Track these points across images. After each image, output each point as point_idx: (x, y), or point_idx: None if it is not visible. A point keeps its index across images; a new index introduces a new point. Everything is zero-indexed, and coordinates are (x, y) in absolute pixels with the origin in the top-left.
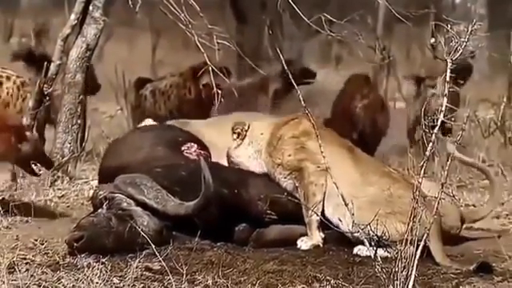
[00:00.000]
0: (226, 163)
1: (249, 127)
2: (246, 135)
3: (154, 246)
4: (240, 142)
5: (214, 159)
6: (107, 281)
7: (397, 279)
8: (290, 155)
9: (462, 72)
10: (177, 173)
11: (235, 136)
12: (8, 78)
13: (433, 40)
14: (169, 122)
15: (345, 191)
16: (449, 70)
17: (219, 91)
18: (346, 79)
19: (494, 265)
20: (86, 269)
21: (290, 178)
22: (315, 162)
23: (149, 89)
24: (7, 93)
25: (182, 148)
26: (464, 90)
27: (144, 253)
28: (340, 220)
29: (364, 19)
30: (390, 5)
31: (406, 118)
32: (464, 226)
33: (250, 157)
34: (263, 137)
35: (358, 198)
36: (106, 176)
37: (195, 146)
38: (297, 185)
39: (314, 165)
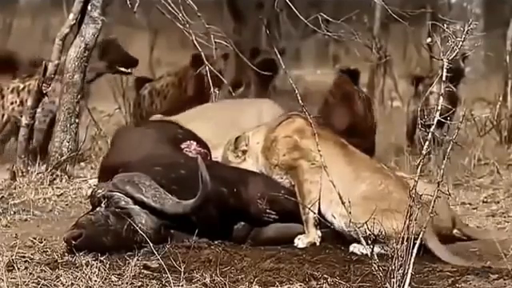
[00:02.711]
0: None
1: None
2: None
3: (152, 244)
4: (244, 158)
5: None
6: (105, 279)
7: (393, 277)
8: (284, 155)
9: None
10: (175, 171)
11: (240, 153)
12: None
13: (429, 39)
14: (155, 117)
15: (337, 187)
16: (445, 70)
17: (216, 91)
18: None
19: (489, 263)
20: (84, 267)
21: (287, 178)
22: (309, 159)
23: (147, 89)
24: None
25: (182, 146)
26: (460, 89)
27: (142, 251)
28: (334, 217)
29: (360, 19)
30: (386, 4)
31: (406, 117)
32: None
33: (252, 167)
34: (259, 145)
35: (350, 194)
36: (107, 173)
37: (194, 143)
38: (293, 183)
39: (308, 162)
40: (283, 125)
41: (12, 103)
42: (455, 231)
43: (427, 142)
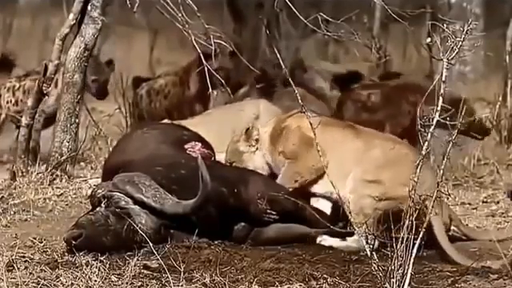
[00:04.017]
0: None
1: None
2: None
3: (151, 244)
4: (256, 147)
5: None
6: (105, 279)
7: (393, 277)
8: (293, 144)
9: None
10: (176, 171)
11: (254, 142)
12: None
13: (429, 39)
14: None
15: (349, 157)
16: (445, 70)
17: (214, 92)
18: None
19: (489, 263)
20: (84, 267)
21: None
22: (313, 159)
23: (144, 88)
24: None
25: (186, 146)
26: (460, 89)
27: (142, 251)
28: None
29: (360, 19)
30: (386, 4)
31: None
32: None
33: (263, 157)
34: (266, 134)
35: (363, 164)
36: (110, 172)
37: (199, 144)
38: (284, 168)
39: (310, 161)
40: (294, 117)
41: (8, 102)
42: (453, 228)
43: (427, 142)
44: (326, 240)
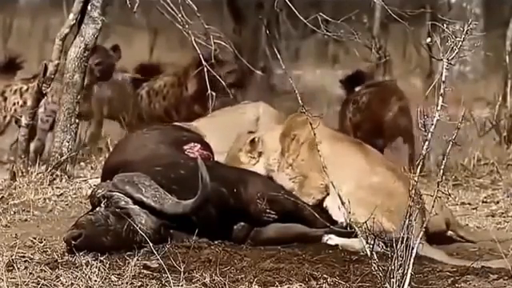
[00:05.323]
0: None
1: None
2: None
3: (151, 244)
4: (258, 160)
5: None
6: (105, 279)
7: (393, 277)
8: (303, 160)
9: None
10: (175, 171)
11: (256, 155)
12: None
13: (428, 40)
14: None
15: (352, 176)
16: (445, 70)
17: (213, 94)
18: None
19: (489, 263)
20: (84, 267)
21: (293, 182)
22: (321, 178)
23: (144, 88)
24: None
25: (185, 147)
26: (460, 89)
27: (142, 251)
28: (339, 208)
29: (360, 19)
30: (386, 4)
31: None
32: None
33: (265, 167)
34: (276, 139)
35: (361, 183)
36: (110, 172)
37: (198, 145)
38: (295, 188)
39: (318, 180)
40: (304, 120)
41: (14, 104)
42: (450, 233)
43: (427, 142)
44: (332, 239)
